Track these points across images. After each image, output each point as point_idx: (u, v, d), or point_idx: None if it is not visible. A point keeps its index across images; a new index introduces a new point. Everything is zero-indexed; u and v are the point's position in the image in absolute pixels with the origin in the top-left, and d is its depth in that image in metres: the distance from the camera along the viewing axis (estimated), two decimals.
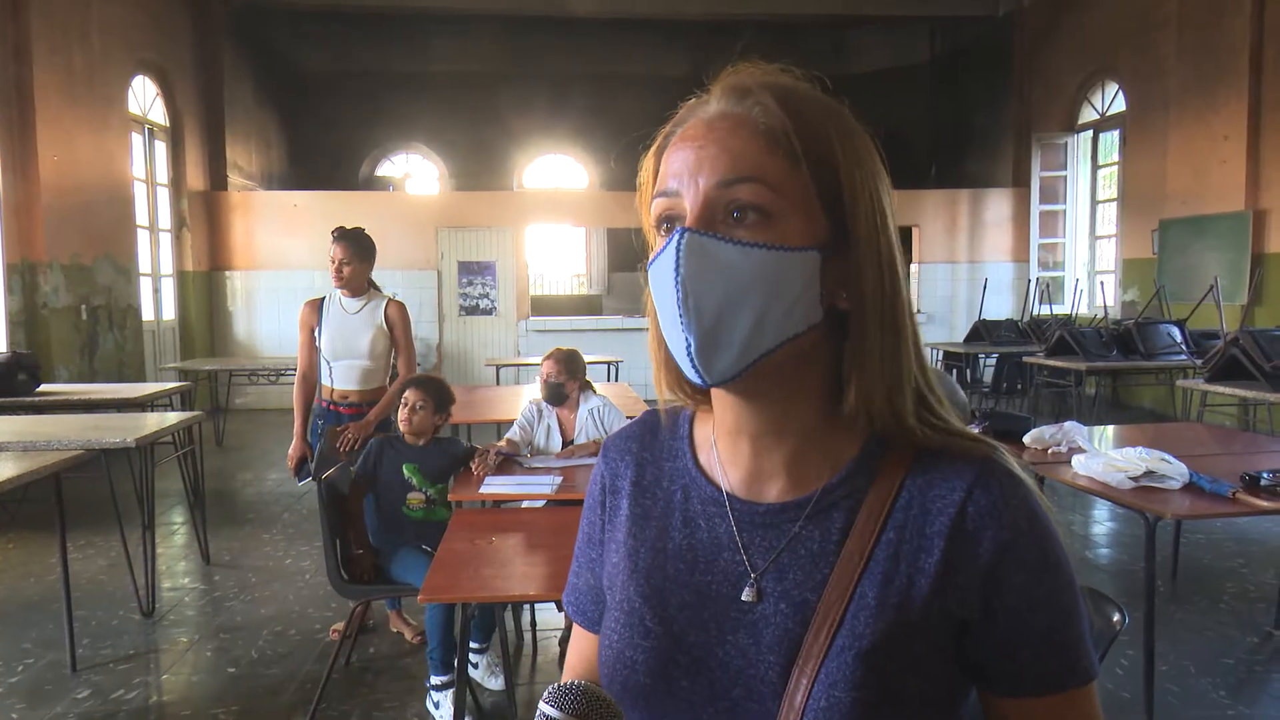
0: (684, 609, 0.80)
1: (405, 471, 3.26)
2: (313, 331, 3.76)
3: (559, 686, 0.69)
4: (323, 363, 3.74)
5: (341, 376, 3.70)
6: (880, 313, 0.75)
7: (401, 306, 3.78)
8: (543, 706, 0.68)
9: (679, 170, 0.74)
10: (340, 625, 3.51)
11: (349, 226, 3.74)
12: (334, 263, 3.64)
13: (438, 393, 3.36)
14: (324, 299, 3.78)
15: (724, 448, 0.83)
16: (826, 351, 0.76)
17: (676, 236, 0.71)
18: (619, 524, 0.88)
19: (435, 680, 3.00)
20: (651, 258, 0.75)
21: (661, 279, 0.72)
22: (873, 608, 0.73)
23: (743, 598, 0.77)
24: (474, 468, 3.23)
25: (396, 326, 3.74)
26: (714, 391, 0.80)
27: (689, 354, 0.71)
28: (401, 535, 3.21)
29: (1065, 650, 0.74)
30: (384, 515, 3.30)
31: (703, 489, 0.83)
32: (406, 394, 3.33)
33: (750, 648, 0.76)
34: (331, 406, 3.73)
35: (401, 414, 3.31)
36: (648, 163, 0.80)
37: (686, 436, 0.88)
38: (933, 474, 0.76)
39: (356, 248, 3.67)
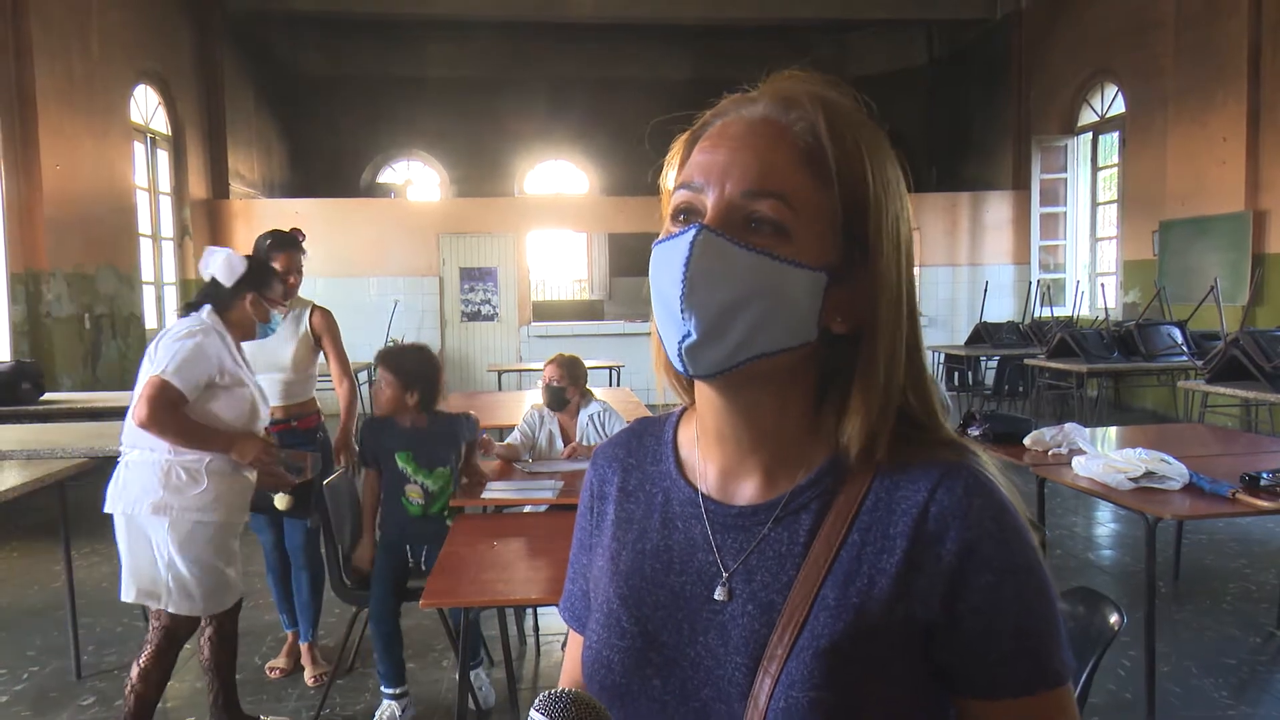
0: (659, 609, 0.80)
1: (399, 461, 3.08)
2: None
3: (549, 694, 0.69)
4: None
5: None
6: (891, 344, 0.75)
7: (327, 314, 3.44)
8: (532, 714, 0.67)
9: (708, 167, 0.74)
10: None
11: (284, 229, 3.34)
12: (284, 274, 3.09)
13: (401, 366, 3.01)
14: None
15: (704, 450, 0.84)
16: (813, 367, 0.77)
17: (693, 231, 0.70)
18: (604, 528, 0.89)
19: (386, 691, 2.96)
20: (661, 238, 0.74)
21: (667, 266, 0.72)
22: (832, 608, 0.73)
23: (715, 596, 0.78)
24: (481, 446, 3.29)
25: (324, 336, 3.40)
26: (698, 393, 0.81)
27: (679, 343, 0.72)
28: (400, 531, 3.09)
29: (1036, 653, 0.73)
30: (386, 507, 3.16)
31: (682, 491, 0.84)
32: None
33: (719, 648, 0.76)
34: None
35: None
36: (679, 144, 0.80)
37: (670, 440, 0.88)
38: (900, 476, 0.76)
39: (301, 254, 3.33)
